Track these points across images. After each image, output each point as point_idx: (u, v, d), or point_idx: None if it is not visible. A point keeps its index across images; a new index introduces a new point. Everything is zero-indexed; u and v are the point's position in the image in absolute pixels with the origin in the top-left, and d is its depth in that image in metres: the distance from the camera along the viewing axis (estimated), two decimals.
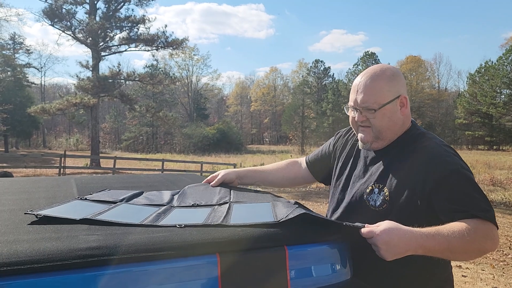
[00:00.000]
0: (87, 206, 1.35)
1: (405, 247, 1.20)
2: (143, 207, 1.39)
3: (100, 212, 1.24)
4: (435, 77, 64.29)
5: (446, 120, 58.41)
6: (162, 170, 18.40)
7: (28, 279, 0.85)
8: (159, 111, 29.55)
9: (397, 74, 1.51)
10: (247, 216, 1.26)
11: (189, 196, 1.59)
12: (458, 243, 1.22)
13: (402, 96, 1.49)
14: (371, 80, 1.46)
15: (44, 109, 25.22)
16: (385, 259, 1.20)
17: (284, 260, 1.08)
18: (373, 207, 1.45)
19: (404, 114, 1.51)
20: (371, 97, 1.45)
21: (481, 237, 1.25)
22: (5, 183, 1.96)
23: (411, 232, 1.22)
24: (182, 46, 28.68)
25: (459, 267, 5.55)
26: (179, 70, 61.37)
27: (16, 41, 47.12)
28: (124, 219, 1.16)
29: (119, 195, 1.55)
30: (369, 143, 1.52)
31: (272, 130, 75.68)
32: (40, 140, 56.83)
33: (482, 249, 1.29)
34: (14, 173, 12.87)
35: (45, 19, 25.78)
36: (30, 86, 49.42)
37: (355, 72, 66.09)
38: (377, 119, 1.46)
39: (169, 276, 0.97)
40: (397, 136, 1.52)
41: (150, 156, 33.12)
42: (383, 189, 1.44)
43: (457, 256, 1.34)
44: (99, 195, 1.55)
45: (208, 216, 1.24)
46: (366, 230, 1.21)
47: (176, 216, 1.26)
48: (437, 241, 1.22)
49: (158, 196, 1.58)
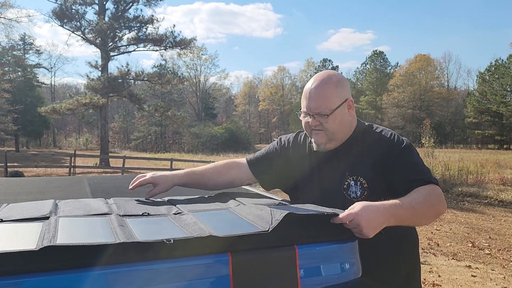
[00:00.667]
0: (18, 229, 1.11)
1: (382, 220, 1.28)
2: (86, 218, 1.24)
3: (49, 234, 1.02)
4: (444, 76, 63.71)
5: (456, 119, 57.91)
6: (171, 170, 18.48)
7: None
8: (167, 110, 29.69)
9: (342, 79, 1.66)
10: (224, 225, 1.18)
11: (125, 204, 1.46)
12: (421, 207, 1.39)
13: (348, 100, 1.64)
14: (321, 88, 1.60)
15: (54, 109, 25.50)
16: (368, 236, 1.23)
17: (294, 259, 1.09)
18: (355, 198, 1.57)
19: (352, 115, 1.67)
20: (322, 103, 1.58)
21: (436, 200, 1.45)
22: (20, 183, 2.00)
23: (383, 205, 1.32)
24: (190, 46, 28.80)
25: (469, 267, 5.53)
26: (187, 69, 61.62)
27: (26, 41, 47.59)
28: (90, 239, 0.99)
29: (35, 209, 1.32)
30: (323, 144, 1.65)
31: (280, 130, 75.55)
32: (50, 139, 57.41)
33: (438, 211, 1.48)
34: (25, 172, 13.03)
35: (55, 19, 26.04)
36: (40, 86, 49.98)
37: (363, 71, 65.90)
38: (329, 123, 1.60)
39: (181, 275, 0.99)
40: (348, 136, 1.67)
41: (159, 156, 33.28)
42: (358, 179, 1.59)
43: (420, 220, 1.47)
44: (8, 213, 1.28)
45: (180, 228, 1.14)
46: (344, 214, 1.24)
47: (141, 228, 1.13)
48: (404, 208, 1.35)
49: (85, 204, 1.42)
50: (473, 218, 9.22)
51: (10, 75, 40.06)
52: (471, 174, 14.26)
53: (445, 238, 7.31)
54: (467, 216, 9.36)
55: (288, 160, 1.80)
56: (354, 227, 1.23)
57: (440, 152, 25.38)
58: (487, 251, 6.48)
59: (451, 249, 6.57)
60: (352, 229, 1.24)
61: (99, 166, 22.33)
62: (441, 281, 4.91)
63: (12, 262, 0.86)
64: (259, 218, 1.20)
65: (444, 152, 25.24)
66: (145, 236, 1.02)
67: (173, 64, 56.55)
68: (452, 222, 8.67)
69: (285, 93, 74.26)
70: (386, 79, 60.96)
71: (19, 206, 1.39)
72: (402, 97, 57.05)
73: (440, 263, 5.71)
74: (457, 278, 5.05)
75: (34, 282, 0.87)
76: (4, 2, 29.76)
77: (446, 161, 16.04)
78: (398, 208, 1.34)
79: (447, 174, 14.14)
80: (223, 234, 1.04)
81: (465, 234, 7.61)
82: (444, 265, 5.64)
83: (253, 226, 1.14)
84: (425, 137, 23.21)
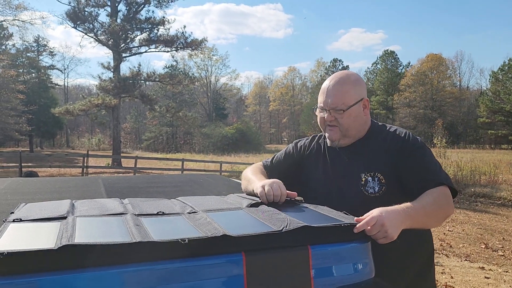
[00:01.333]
0: (37, 228, 1.14)
1: (401, 220, 1.30)
2: (102, 218, 1.26)
3: (68, 233, 1.05)
4: (456, 76, 62.93)
5: (468, 119, 57.16)
6: (182, 170, 18.59)
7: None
8: (179, 111, 29.84)
9: (360, 79, 1.71)
10: (239, 225, 1.20)
11: (140, 203, 1.49)
12: (431, 210, 1.42)
13: (364, 99, 1.68)
14: (339, 85, 1.65)
15: (67, 110, 25.82)
16: (393, 237, 1.25)
17: (308, 260, 1.10)
18: (373, 194, 1.60)
19: (366, 114, 1.71)
20: (339, 99, 1.63)
21: (445, 203, 1.48)
22: (36, 183, 2.04)
23: (399, 207, 1.35)
24: (201, 47, 28.89)
25: (482, 269, 5.47)
26: (198, 70, 61.79)
27: (40, 43, 48.26)
28: (106, 238, 1.01)
29: (52, 209, 1.36)
30: (337, 140, 1.69)
31: (291, 130, 75.41)
32: (63, 140, 58.06)
33: (447, 214, 1.51)
34: (39, 172, 13.20)
35: (68, 21, 26.34)
36: (54, 88, 50.61)
37: (374, 71, 65.40)
38: (344, 119, 1.64)
39: (196, 274, 1.01)
40: (362, 134, 1.71)
41: (170, 156, 33.45)
42: (376, 175, 1.61)
43: (431, 223, 1.51)
44: (26, 213, 1.31)
45: (194, 227, 1.16)
46: (366, 219, 1.23)
47: (157, 228, 1.15)
48: (417, 211, 1.37)
49: (101, 204, 1.45)
50: (486, 219, 9.12)
51: (24, 76, 40.62)
52: (484, 175, 14.09)
53: (458, 239, 7.24)
54: (480, 217, 9.26)
55: (303, 164, 1.83)
56: (378, 230, 1.23)
57: (452, 152, 25.08)
58: (500, 252, 6.40)
59: (464, 250, 6.51)
60: (376, 233, 1.23)
61: (111, 166, 22.53)
62: (454, 282, 4.86)
63: (31, 261, 0.89)
64: (273, 219, 1.22)
65: (456, 153, 24.94)
66: (160, 236, 1.04)
67: (184, 65, 56.74)
68: (465, 223, 8.58)
69: (295, 93, 74.05)
70: (397, 79, 60.41)
71: (37, 206, 1.43)
72: (413, 96, 56.51)
73: (453, 265, 5.66)
74: (470, 279, 5.01)
75: (53, 280, 0.90)
76: (19, 5, 30.16)
77: (458, 161, 15.86)
78: (412, 211, 1.36)
79: (459, 175, 13.99)
80: (237, 234, 1.06)
81: (478, 235, 7.53)
82: (457, 266, 5.59)
83: (266, 226, 1.16)
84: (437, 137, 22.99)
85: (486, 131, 51.60)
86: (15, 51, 38.96)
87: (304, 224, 1.14)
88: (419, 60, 60.87)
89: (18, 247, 0.91)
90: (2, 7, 29.39)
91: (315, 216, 1.31)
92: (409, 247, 1.54)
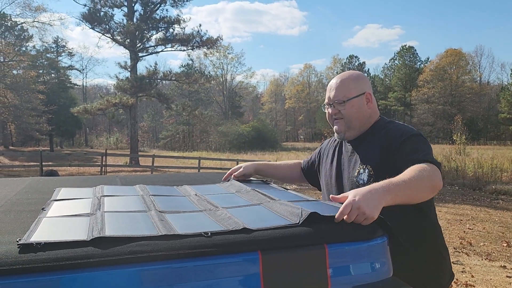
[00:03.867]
0: (67, 222, 1.20)
1: (378, 197, 1.26)
2: (128, 213, 1.31)
3: (98, 227, 1.10)
4: (476, 71, 61.73)
5: (489, 115, 56.04)
6: (199, 168, 18.70)
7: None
8: (195, 109, 30.05)
9: (362, 76, 1.86)
10: (256, 219, 1.22)
11: (163, 200, 1.52)
12: (414, 181, 1.40)
13: (367, 93, 1.81)
14: (341, 80, 1.82)
15: (86, 109, 26.23)
16: (373, 217, 1.20)
17: (324, 258, 1.10)
18: (362, 184, 1.65)
19: (370, 108, 1.81)
20: (340, 92, 1.79)
21: (430, 174, 1.46)
22: (57, 182, 2.08)
23: (375, 184, 1.34)
24: (217, 45, 29.00)
25: (504, 268, 5.36)
26: (214, 68, 62.06)
27: (59, 44, 49.15)
28: (136, 232, 1.07)
29: (81, 205, 1.41)
30: (342, 132, 1.82)
31: (307, 127, 75.17)
32: (82, 139, 59.05)
33: (434, 185, 1.47)
34: (59, 171, 13.45)
35: (86, 22, 26.73)
36: (73, 88, 51.47)
37: (392, 67, 64.63)
38: (346, 110, 1.78)
39: (212, 273, 1.01)
40: (367, 127, 1.81)
41: (187, 154, 33.69)
42: (367, 167, 1.71)
43: (416, 195, 1.44)
44: (54, 209, 1.36)
45: (216, 221, 1.21)
46: (342, 208, 1.21)
47: (179, 222, 1.19)
48: (397, 184, 1.35)
49: (126, 202, 1.50)
50: (508, 217, 8.93)
51: (44, 77, 41.42)
52: (506, 172, 13.80)
53: (478, 237, 7.11)
54: (501, 215, 9.08)
55: (320, 158, 2.06)
56: (356, 214, 1.19)
57: (472, 149, 24.65)
58: None
59: (484, 248, 6.39)
60: (356, 218, 1.20)
61: (129, 165, 22.82)
62: (475, 281, 4.78)
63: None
64: (290, 213, 1.24)
65: (476, 149, 24.47)
66: (184, 230, 1.09)
67: (200, 64, 57.02)
68: (486, 221, 8.42)
69: (311, 90, 73.75)
70: (415, 74, 59.60)
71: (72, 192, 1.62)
72: (432, 92, 55.67)
73: (473, 263, 5.56)
74: (491, 278, 4.91)
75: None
76: (38, 6, 30.80)
77: (478, 158, 15.57)
78: (392, 185, 1.33)
79: (479, 172, 13.74)
80: (257, 227, 1.11)
81: (499, 234, 7.38)
82: (478, 265, 5.49)
83: (284, 220, 1.19)
84: (457, 134, 22.61)
85: (508, 127, 50.53)
86: (35, 52, 39.75)
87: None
88: (438, 55, 60.04)
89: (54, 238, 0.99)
90: (22, 10, 30.04)
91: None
92: (413, 242, 1.56)
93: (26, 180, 2.21)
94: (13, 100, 28.47)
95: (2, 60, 29.73)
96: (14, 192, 1.74)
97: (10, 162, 26.18)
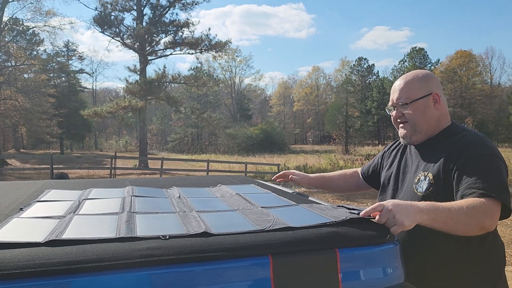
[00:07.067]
0: (35, 224, 1.19)
1: (413, 212, 1.23)
2: (99, 216, 1.29)
3: (60, 229, 1.10)
4: (487, 72, 61.09)
5: (500, 117, 55.38)
6: (207, 171, 18.73)
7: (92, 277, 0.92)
8: (203, 112, 30.10)
9: (429, 75, 1.70)
10: (225, 224, 1.21)
11: (142, 202, 1.52)
12: (460, 214, 1.31)
13: (434, 93, 1.65)
14: (405, 81, 1.69)
15: (96, 113, 26.45)
16: (404, 224, 1.19)
17: (336, 263, 1.09)
18: (420, 193, 1.58)
19: (439, 109, 1.66)
20: (403, 94, 1.67)
21: (480, 213, 1.34)
22: (67, 185, 2.09)
23: (413, 202, 1.31)
24: (225, 48, 29.08)
25: None
26: (223, 71, 62.28)
27: (69, 48, 49.52)
28: (95, 234, 1.06)
29: (59, 208, 1.41)
30: (408, 137, 1.70)
31: (315, 130, 74.97)
32: (92, 142, 59.54)
33: (481, 225, 1.36)
34: (70, 173, 13.55)
35: (96, 26, 27.03)
36: (83, 91, 51.96)
37: (401, 69, 64.20)
38: (411, 113, 1.65)
39: (222, 277, 1.01)
40: (436, 131, 1.67)
41: (196, 157, 33.79)
42: (428, 175, 1.59)
43: (458, 228, 1.35)
44: (32, 210, 1.38)
45: (182, 224, 1.20)
46: (375, 205, 1.23)
47: (145, 224, 1.19)
48: (438, 209, 1.30)
49: (106, 204, 1.50)
50: None
51: (55, 80, 41.85)
52: None
53: None
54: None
55: (382, 163, 1.97)
56: (386, 217, 1.20)
57: None
58: None
59: None
60: (386, 221, 1.20)
61: (138, 168, 22.95)
62: None
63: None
64: (259, 220, 1.25)
65: None
66: (144, 232, 1.09)
67: (209, 67, 57.23)
68: (498, 225, 8.29)
69: (320, 93, 73.55)
70: None
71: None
72: None
73: None
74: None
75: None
76: (49, 11, 31.09)
77: None
78: (431, 209, 1.29)
79: None
80: (218, 232, 1.10)
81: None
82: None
83: (252, 226, 1.18)
84: None
85: None
86: (46, 56, 40.18)
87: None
88: (447, 57, 59.48)
89: None
90: (33, 14, 30.40)
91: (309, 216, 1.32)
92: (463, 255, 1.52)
93: (37, 183, 2.22)
94: (24, 104, 28.75)
95: (14, 64, 30.09)
96: (25, 195, 1.75)
97: (21, 165, 26.51)
